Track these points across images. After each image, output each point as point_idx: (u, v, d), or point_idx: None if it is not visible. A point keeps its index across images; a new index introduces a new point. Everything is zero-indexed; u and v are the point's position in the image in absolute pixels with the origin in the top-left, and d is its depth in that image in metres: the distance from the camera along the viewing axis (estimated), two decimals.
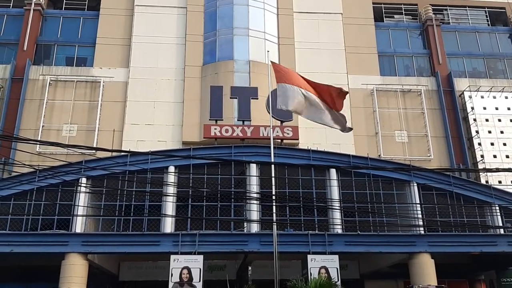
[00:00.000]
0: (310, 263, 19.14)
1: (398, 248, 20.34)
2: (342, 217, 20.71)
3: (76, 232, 19.33)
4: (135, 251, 19.80)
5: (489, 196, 21.21)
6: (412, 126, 30.72)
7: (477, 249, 20.47)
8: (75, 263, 18.87)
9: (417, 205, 20.38)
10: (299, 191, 20.87)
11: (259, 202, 19.87)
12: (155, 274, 24.66)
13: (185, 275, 18.71)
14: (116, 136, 27.21)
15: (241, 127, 25.12)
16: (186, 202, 20.44)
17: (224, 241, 19.68)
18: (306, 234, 19.93)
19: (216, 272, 25.50)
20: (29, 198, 19.66)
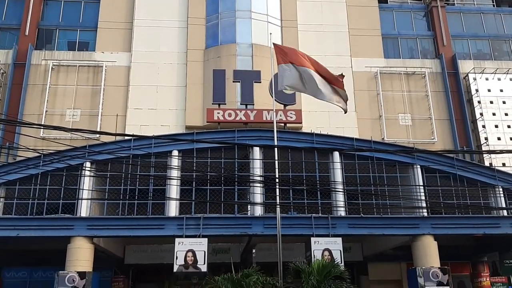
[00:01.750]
0: (313, 246, 19.25)
1: (401, 230, 20.40)
2: (346, 200, 20.75)
3: (81, 216, 19.47)
4: (140, 235, 19.95)
5: (493, 178, 21.18)
6: (416, 109, 30.59)
7: (480, 231, 20.52)
8: (81, 246, 19.04)
9: (420, 188, 20.38)
10: (303, 174, 20.89)
11: (262, 186, 19.91)
12: (160, 257, 24.95)
13: (190, 258, 18.87)
14: (119, 121, 27.25)
15: (244, 111, 25.05)
16: (190, 186, 20.52)
17: (228, 224, 19.80)
18: (310, 217, 20.00)
19: (221, 255, 25.73)
20: (34, 183, 19.77)
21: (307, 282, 12.72)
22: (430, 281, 19.62)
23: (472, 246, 26.13)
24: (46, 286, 23.39)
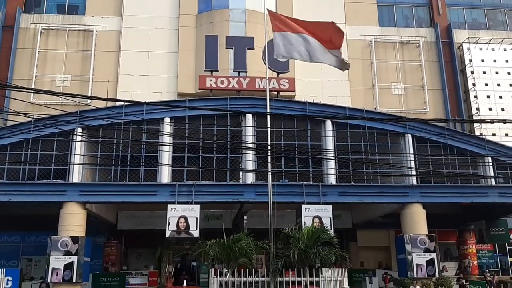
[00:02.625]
0: (304, 213, 19.56)
1: (391, 198, 20.73)
2: (337, 168, 20.96)
3: (74, 182, 19.52)
4: (132, 201, 20.09)
5: (482, 148, 21.44)
6: (409, 78, 30.57)
7: (468, 200, 20.90)
8: (73, 212, 19.17)
9: (410, 156, 20.59)
10: (295, 143, 20.99)
11: (254, 153, 20.01)
12: (152, 223, 25.22)
13: (182, 224, 19.11)
14: (110, 87, 26.97)
15: (237, 78, 24.88)
16: (182, 153, 20.56)
17: (220, 191, 19.98)
18: (301, 185, 20.24)
19: (213, 221, 26.07)
20: (25, 148, 19.69)
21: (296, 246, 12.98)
22: (417, 247, 20.11)
23: (459, 214, 26.67)
24: (39, 250, 23.70)
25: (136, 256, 28.10)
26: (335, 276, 12.61)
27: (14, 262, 24.84)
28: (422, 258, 20.02)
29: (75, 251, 18.60)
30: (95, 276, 23.04)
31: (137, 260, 27.92)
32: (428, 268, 19.91)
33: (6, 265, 22.68)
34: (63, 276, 18.29)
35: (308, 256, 12.98)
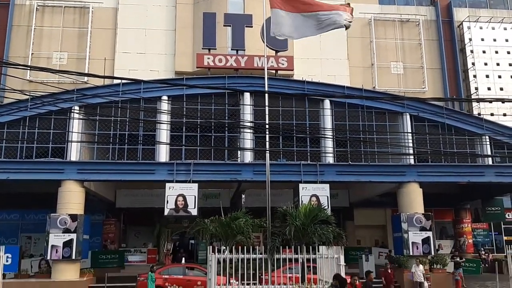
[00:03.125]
0: (301, 192, 19.68)
1: (388, 177, 20.86)
2: (334, 147, 20.99)
3: (71, 160, 19.53)
4: (130, 179, 20.17)
5: (480, 128, 21.47)
6: (409, 57, 30.38)
7: (464, 179, 21.04)
8: (72, 190, 19.26)
9: (408, 135, 20.62)
10: (293, 122, 20.96)
11: (252, 132, 19.99)
12: (151, 202, 25.35)
13: (180, 202, 19.23)
14: (107, 65, 26.76)
15: (235, 56, 24.67)
16: (180, 132, 20.53)
17: (218, 170, 20.05)
18: (298, 164, 20.31)
19: (211, 200, 26.23)
20: (22, 126, 19.63)
21: (293, 224, 13.07)
22: (414, 226, 20.33)
23: (456, 193, 26.87)
24: (38, 228, 23.87)
25: (135, 234, 28.36)
26: (332, 254, 12.75)
27: (14, 240, 25.05)
28: (418, 236, 20.26)
29: (74, 229, 18.74)
30: (94, 253, 23.29)
31: (136, 237, 28.19)
32: (423, 246, 20.16)
33: (6, 243, 22.89)
34: (62, 253, 18.48)
35: (305, 234, 13.09)
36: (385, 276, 18.23)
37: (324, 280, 12.72)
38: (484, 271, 24.09)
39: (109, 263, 23.58)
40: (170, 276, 17.58)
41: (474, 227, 28.87)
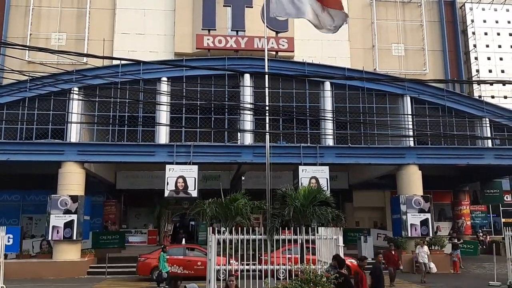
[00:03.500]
0: (301, 174, 19.74)
1: (387, 160, 20.89)
2: (334, 129, 20.96)
3: (71, 141, 19.53)
4: (130, 161, 20.22)
5: (481, 110, 21.41)
6: (410, 39, 30.09)
7: (464, 162, 21.08)
8: (72, 171, 19.32)
9: (408, 117, 20.57)
10: (293, 104, 20.89)
11: (252, 114, 19.94)
12: (151, 183, 25.45)
13: (181, 184, 19.31)
14: (106, 46, 26.50)
15: (235, 37, 24.48)
16: (180, 114, 20.48)
17: (218, 153, 20.08)
18: (298, 146, 20.33)
19: (211, 182, 26.34)
20: (22, 107, 19.57)
21: (292, 206, 13.12)
22: (412, 208, 20.45)
23: (454, 176, 26.95)
24: (39, 209, 24.02)
25: (135, 215, 28.56)
26: (331, 235, 12.82)
27: (15, 220, 25.21)
28: (417, 218, 20.39)
29: (75, 210, 18.86)
30: (95, 234, 23.49)
31: (137, 219, 28.39)
32: (422, 228, 20.32)
33: (7, 223, 23.00)
34: (63, 234, 18.63)
35: (304, 216, 13.16)
36: (388, 258, 17.52)
37: (323, 261, 12.82)
38: (482, 253, 24.30)
39: (110, 244, 23.80)
40: (171, 257, 17.70)
41: (472, 209, 29.04)
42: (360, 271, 9.78)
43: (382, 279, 10.24)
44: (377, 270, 10.23)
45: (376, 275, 10.10)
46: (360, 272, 9.73)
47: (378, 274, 10.12)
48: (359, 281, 9.55)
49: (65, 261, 18.66)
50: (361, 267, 9.93)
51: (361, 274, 9.68)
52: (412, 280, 17.02)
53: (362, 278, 9.60)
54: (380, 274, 10.23)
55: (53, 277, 17.98)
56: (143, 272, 17.55)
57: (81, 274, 18.73)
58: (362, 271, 9.76)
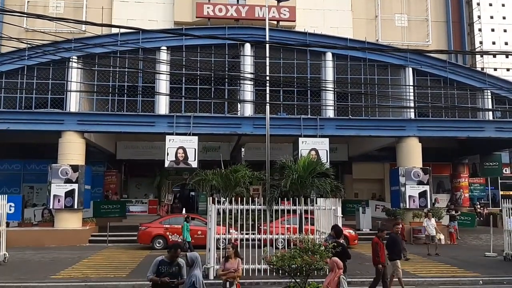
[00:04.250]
0: (301, 146, 19.75)
1: (388, 132, 20.85)
2: (335, 100, 20.84)
3: (71, 111, 19.46)
4: (130, 131, 20.18)
5: (483, 82, 21.23)
6: (413, 9, 29.58)
7: (464, 134, 21.05)
8: (72, 141, 19.31)
9: (409, 89, 20.43)
10: (294, 75, 20.71)
11: (253, 84, 19.79)
12: (151, 154, 25.56)
13: (181, 155, 19.35)
14: (105, 14, 26.08)
15: (235, 6, 24.07)
16: (179, 84, 20.34)
17: (218, 124, 20.02)
18: (299, 118, 20.27)
19: (211, 153, 26.42)
20: (21, 75, 19.42)
21: (292, 177, 13.15)
22: (411, 180, 20.56)
23: (454, 148, 27.01)
24: (40, 178, 24.16)
25: (136, 185, 28.78)
26: (329, 206, 12.93)
27: (16, 189, 25.41)
28: (415, 190, 20.53)
29: (76, 179, 18.96)
30: (96, 204, 23.70)
31: (137, 189, 28.63)
32: (420, 200, 20.47)
33: (8, 192, 23.17)
34: (64, 203, 18.79)
35: (304, 187, 13.21)
36: None
37: (321, 231, 12.98)
38: (479, 225, 24.58)
39: (111, 213, 24.07)
40: (171, 226, 17.94)
41: (471, 181, 29.21)
42: (379, 241, 10.13)
43: (398, 249, 10.48)
44: (393, 239, 10.48)
45: (392, 245, 10.39)
46: (379, 243, 10.08)
47: (393, 244, 10.41)
48: (378, 251, 9.95)
49: (67, 229, 18.89)
50: (380, 237, 10.23)
51: (380, 244, 10.07)
52: (417, 252, 17.05)
53: (381, 248, 10.02)
54: (396, 244, 10.47)
55: (55, 245, 18.24)
56: (144, 241, 17.79)
57: (83, 242, 18.99)
58: (381, 242, 10.13)
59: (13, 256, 15.36)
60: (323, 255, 7.64)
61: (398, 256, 10.56)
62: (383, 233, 10.40)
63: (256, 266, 12.16)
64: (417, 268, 13.62)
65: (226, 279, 7.74)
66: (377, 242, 10.08)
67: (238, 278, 7.92)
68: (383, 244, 10.16)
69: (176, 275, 6.67)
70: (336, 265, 7.45)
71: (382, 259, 10.02)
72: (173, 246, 6.99)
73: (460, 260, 15.04)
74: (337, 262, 7.48)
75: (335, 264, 7.45)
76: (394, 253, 10.42)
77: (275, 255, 8.11)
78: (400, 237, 12.60)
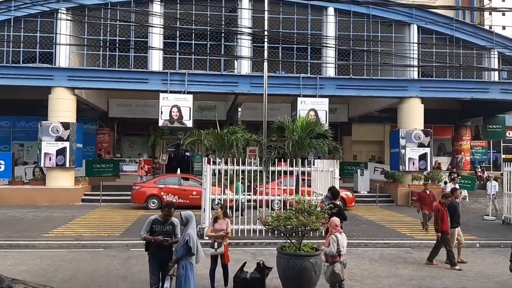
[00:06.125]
0: (299, 106, 19.68)
1: (390, 92, 20.74)
2: (336, 58, 20.59)
3: (61, 66, 19.20)
4: (122, 88, 19.99)
5: (490, 42, 20.94)
6: None
7: (468, 95, 20.97)
8: (62, 97, 19.16)
9: (414, 47, 20.16)
10: (294, 32, 20.36)
11: (250, 39, 19.46)
12: (145, 112, 25.48)
13: (175, 113, 19.29)
14: None
15: None
16: (173, 40, 20.01)
17: (214, 82, 19.83)
18: (298, 77, 20.09)
19: (206, 112, 26.35)
20: (7, 28, 19.03)
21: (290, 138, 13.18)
22: (412, 142, 20.64)
23: (457, 110, 26.99)
24: (30, 136, 24.15)
25: (129, 144, 28.86)
26: (327, 167, 13.02)
27: (6, 147, 25.43)
28: (416, 152, 20.65)
29: (67, 137, 18.94)
30: (89, 162, 23.81)
31: (131, 148, 28.72)
32: (420, 162, 20.63)
33: None
34: (56, 161, 18.85)
35: (301, 147, 13.25)
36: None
37: (318, 192, 13.13)
38: (479, 188, 24.86)
39: (104, 172, 24.22)
40: (166, 186, 18.09)
41: (473, 144, 29.36)
42: (442, 208, 10.16)
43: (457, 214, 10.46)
44: (454, 207, 10.46)
45: (453, 212, 10.33)
46: (441, 209, 10.11)
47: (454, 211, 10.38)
48: (440, 218, 10.01)
49: (59, 188, 19.03)
50: (443, 204, 10.23)
51: (442, 211, 10.08)
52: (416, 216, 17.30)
53: (443, 215, 10.02)
54: (455, 210, 10.44)
55: (47, 204, 18.43)
56: (138, 201, 17.99)
57: (75, 201, 19.18)
58: (443, 208, 10.16)
59: (4, 214, 15.57)
60: (319, 216, 7.74)
61: (458, 224, 10.51)
62: (447, 199, 10.31)
63: (252, 227, 12.37)
64: (414, 231, 13.88)
65: (214, 240, 7.85)
66: (439, 208, 10.14)
67: (227, 239, 8.03)
68: (446, 210, 10.10)
69: (169, 233, 6.79)
70: (330, 224, 7.61)
71: (444, 227, 10.00)
72: (166, 205, 7.08)
73: None
74: (331, 222, 7.63)
75: (331, 224, 7.60)
76: (454, 220, 10.37)
77: (270, 216, 8.22)
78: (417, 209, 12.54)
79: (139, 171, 22.07)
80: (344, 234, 7.63)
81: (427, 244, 11.71)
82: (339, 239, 7.33)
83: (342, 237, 7.42)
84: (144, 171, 22.07)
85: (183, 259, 6.58)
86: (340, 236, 7.40)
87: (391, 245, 12.15)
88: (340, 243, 7.31)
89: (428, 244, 11.53)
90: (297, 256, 7.55)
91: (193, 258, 6.69)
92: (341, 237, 7.38)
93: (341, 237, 7.40)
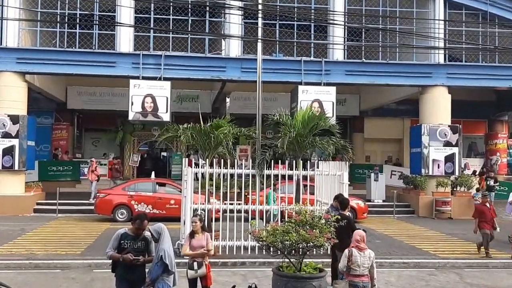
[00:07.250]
0: (300, 96, 19.73)
1: (410, 79, 20.84)
2: (345, 38, 20.64)
3: (8, 46, 19.12)
4: (84, 73, 19.95)
5: None
6: None
7: (505, 84, 21.15)
8: (10, 84, 19.07)
9: (439, 25, 20.22)
10: (294, 5, 20.41)
11: (241, 15, 19.44)
12: (112, 103, 25.47)
13: (149, 104, 19.27)
14: None
15: None
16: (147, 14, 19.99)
17: (196, 66, 19.85)
18: (299, 61, 20.14)
19: (187, 103, 26.39)
20: None
21: (287, 135, 13.08)
22: (437, 140, 20.74)
23: (491, 102, 27.17)
24: None
25: (92, 142, 28.83)
26: (334, 171, 13.06)
27: None
28: (441, 153, 20.78)
29: (16, 133, 18.87)
30: (43, 164, 23.76)
31: (94, 146, 28.71)
32: (446, 165, 20.76)
33: None
34: (2, 163, 18.77)
35: (302, 147, 13.24)
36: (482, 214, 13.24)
37: (323, 201, 13.17)
38: None
39: (61, 176, 24.19)
40: (137, 193, 18.07)
41: (510, 143, 29.57)
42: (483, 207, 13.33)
43: None
44: None
45: None
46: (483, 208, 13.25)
47: None
48: None
49: (6, 195, 18.90)
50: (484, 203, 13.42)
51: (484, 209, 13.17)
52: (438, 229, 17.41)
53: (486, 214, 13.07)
54: None
55: None
56: (103, 211, 17.99)
57: (26, 211, 19.13)
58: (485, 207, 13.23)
59: None
60: (324, 230, 7.77)
61: None
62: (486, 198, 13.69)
63: (242, 243, 12.41)
64: (438, 248, 13.98)
65: (193, 260, 7.78)
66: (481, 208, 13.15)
67: (207, 258, 7.97)
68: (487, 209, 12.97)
69: (142, 251, 6.78)
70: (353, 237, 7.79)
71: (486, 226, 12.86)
72: (138, 216, 7.05)
73: None
74: (354, 235, 7.81)
75: (353, 237, 7.77)
76: None
77: (265, 230, 8.25)
78: None
79: (89, 175, 21.30)
80: (369, 252, 7.49)
81: (454, 264, 11.80)
82: (353, 255, 7.32)
83: (362, 255, 7.38)
84: (95, 175, 21.19)
85: (159, 280, 6.60)
86: (359, 252, 7.36)
87: (411, 265, 12.22)
88: (354, 260, 7.30)
89: (456, 264, 11.61)
90: (297, 278, 7.59)
91: (171, 277, 6.71)
92: (359, 255, 7.34)
93: (360, 254, 7.36)
